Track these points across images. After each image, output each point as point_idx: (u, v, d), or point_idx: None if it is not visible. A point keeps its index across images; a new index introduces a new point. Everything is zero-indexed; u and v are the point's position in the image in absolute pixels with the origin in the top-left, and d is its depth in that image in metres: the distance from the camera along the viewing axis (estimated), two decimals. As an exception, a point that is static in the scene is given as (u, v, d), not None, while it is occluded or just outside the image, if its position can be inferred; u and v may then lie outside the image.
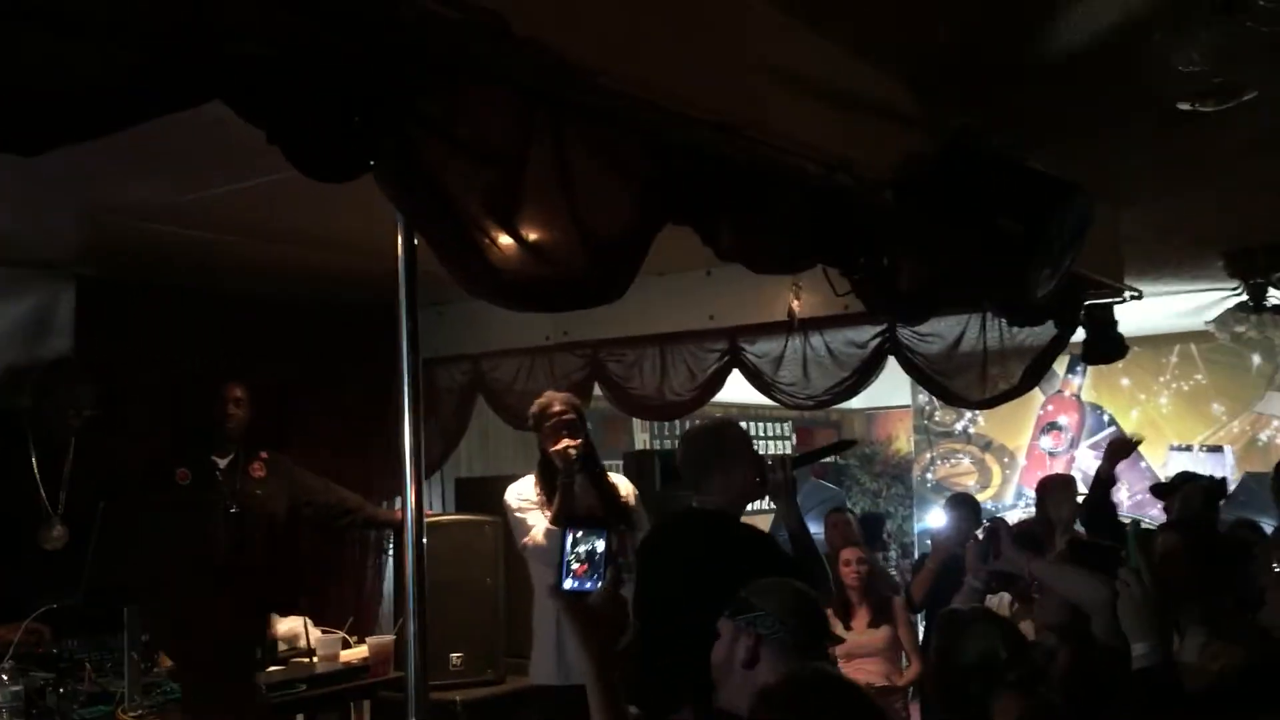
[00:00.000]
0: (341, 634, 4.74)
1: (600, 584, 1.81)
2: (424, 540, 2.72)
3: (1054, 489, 5.75)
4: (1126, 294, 5.24)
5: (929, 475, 9.94)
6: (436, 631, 3.68)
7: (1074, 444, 9.18)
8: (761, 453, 3.90)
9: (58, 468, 4.33)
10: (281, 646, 4.61)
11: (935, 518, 8.55)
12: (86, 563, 3.66)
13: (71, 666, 3.79)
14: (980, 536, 4.12)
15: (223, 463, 4.86)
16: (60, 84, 1.62)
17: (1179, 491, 5.32)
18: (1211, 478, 5.55)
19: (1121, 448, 5.34)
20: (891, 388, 8.40)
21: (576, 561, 1.83)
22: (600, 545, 1.84)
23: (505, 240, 2.38)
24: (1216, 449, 8.49)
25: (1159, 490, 5.82)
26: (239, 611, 4.47)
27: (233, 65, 1.81)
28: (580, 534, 1.85)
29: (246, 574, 4.69)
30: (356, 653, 4.66)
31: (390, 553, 5.86)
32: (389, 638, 4.67)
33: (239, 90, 1.85)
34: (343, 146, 1.99)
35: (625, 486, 4.75)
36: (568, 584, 1.82)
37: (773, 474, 3.71)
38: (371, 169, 2.08)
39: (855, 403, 8.47)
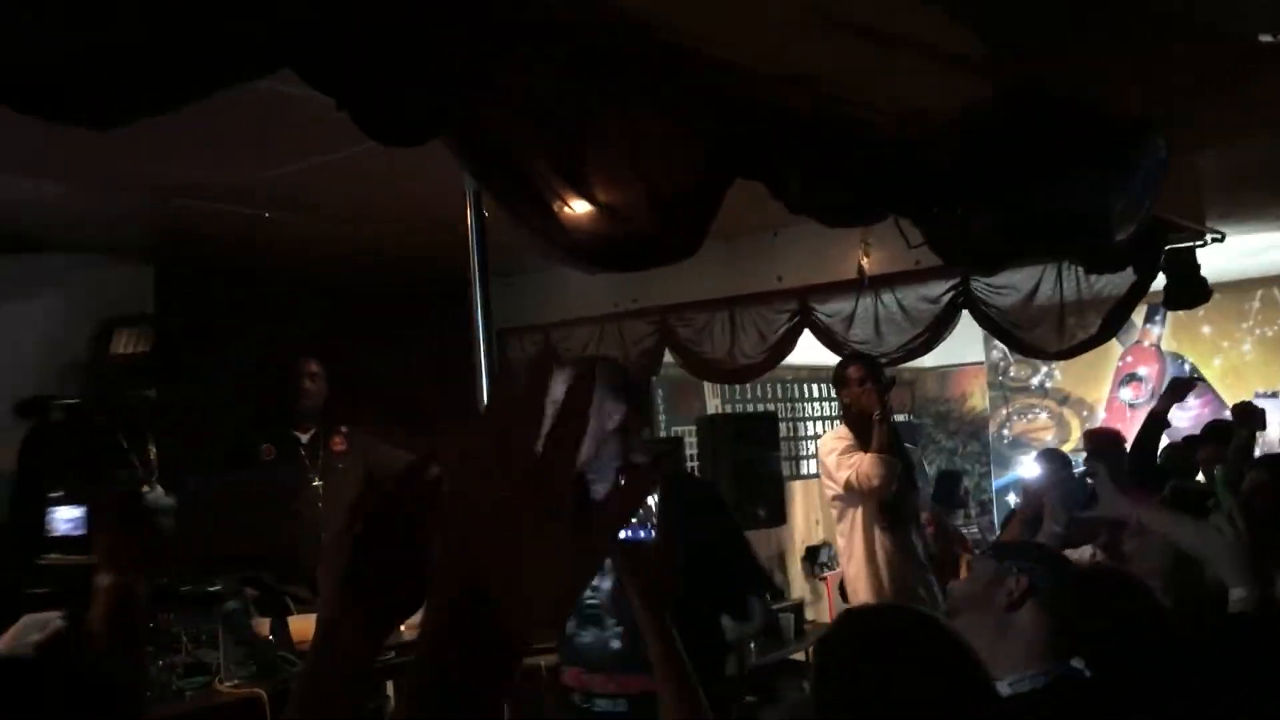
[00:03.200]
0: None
1: (653, 532, 1.78)
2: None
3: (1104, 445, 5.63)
4: (1208, 236, 5.11)
5: (1005, 432, 9.80)
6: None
7: (1154, 395, 8.98)
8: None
9: (140, 432, 4.40)
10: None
11: (1029, 468, 8.42)
12: (183, 536, 3.74)
13: (170, 639, 3.89)
14: (1065, 483, 4.04)
15: (304, 438, 4.95)
16: (130, 57, 1.65)
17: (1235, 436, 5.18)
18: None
19: (1181, 387, 5.20)
20: (964, 344, 8.29)
21: None
22: (654, 495, 1.81)
23: (575, 199, 2.39)
24: (1294, 395, 8.26)
25: (1192, 441, 5.70)
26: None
27: (299, 33, 1.83)
28: None
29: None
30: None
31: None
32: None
33: (306, 57, 1.87)
34: (410, 111, 2.01)
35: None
36: (621, 534, 1.79)
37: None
38: (439, 133, 2.09)
39: (927, 360, 8.35)
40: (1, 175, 3.77)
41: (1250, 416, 5.01)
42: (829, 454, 4.91)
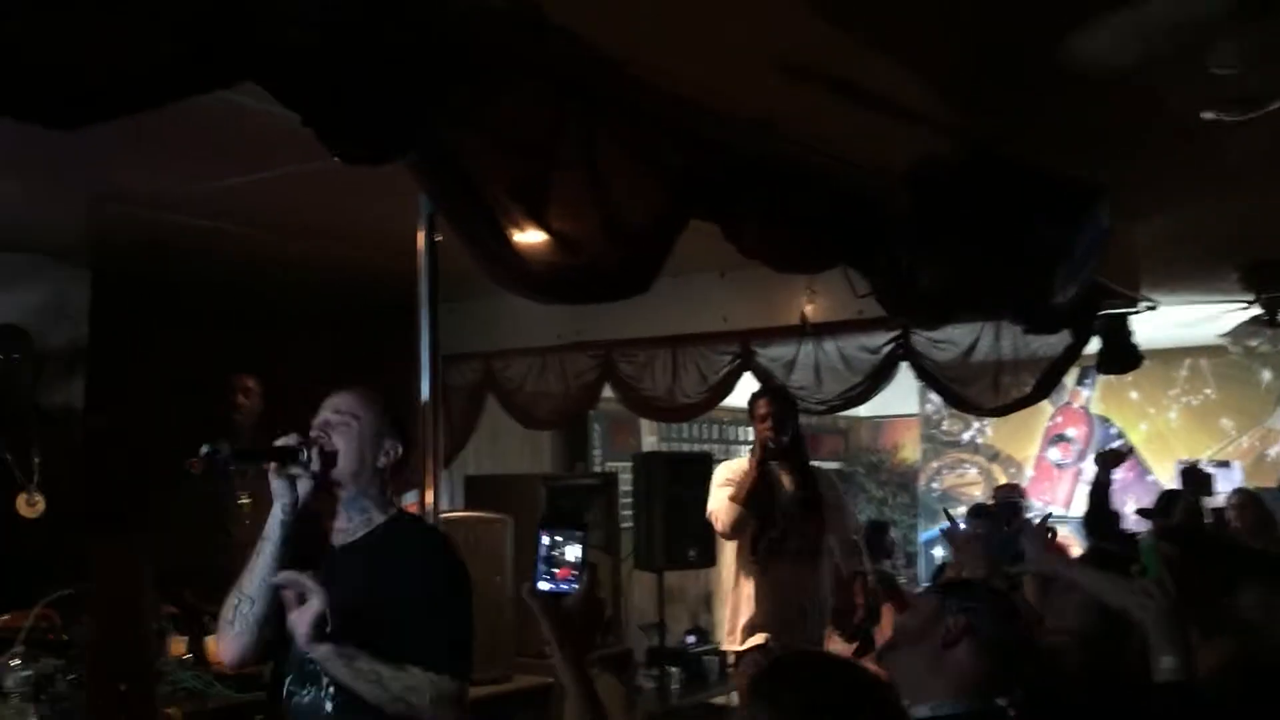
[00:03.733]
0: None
1: (577, 586, 1.78)
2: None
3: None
4: (1143, 304, 5.24)
5: (935, 485, 9.93)
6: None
7: (1082, 456, 9.16)
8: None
9: (25, 436, 4.29)
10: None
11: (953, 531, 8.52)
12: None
13: (81, 653, 3.77)
14: (996, 537, 4.08)
15: (233, 453, 4.85)
16: (99, 59, 1.63)
17: (1176, 507, 5.31)
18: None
19: (1112, 458, 5.34)
20: (899, 395, 8.40)
21: (553, 564, 1.79)
22: (579, 548, 1.80)
23: (533, 230, 2.39)
24: (1225, 464, 8.46)
25: (1146, 513, 5.81)
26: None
27: (268, 46, 1.81)
28: (558, 536, 1.81)
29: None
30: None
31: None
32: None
33: (276, 73, 1.85)
34: (376, 132, 2.00)
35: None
36: (543, 585, 1.78)
37: None
38: (403, 154, 2.08)
39: (862, 410, 8.45)
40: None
41: (1198, 480, 5.11)
42: (713, 483, 5.08)
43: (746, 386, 5.83)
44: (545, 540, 1.77)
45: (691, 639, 7.24)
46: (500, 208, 2.36)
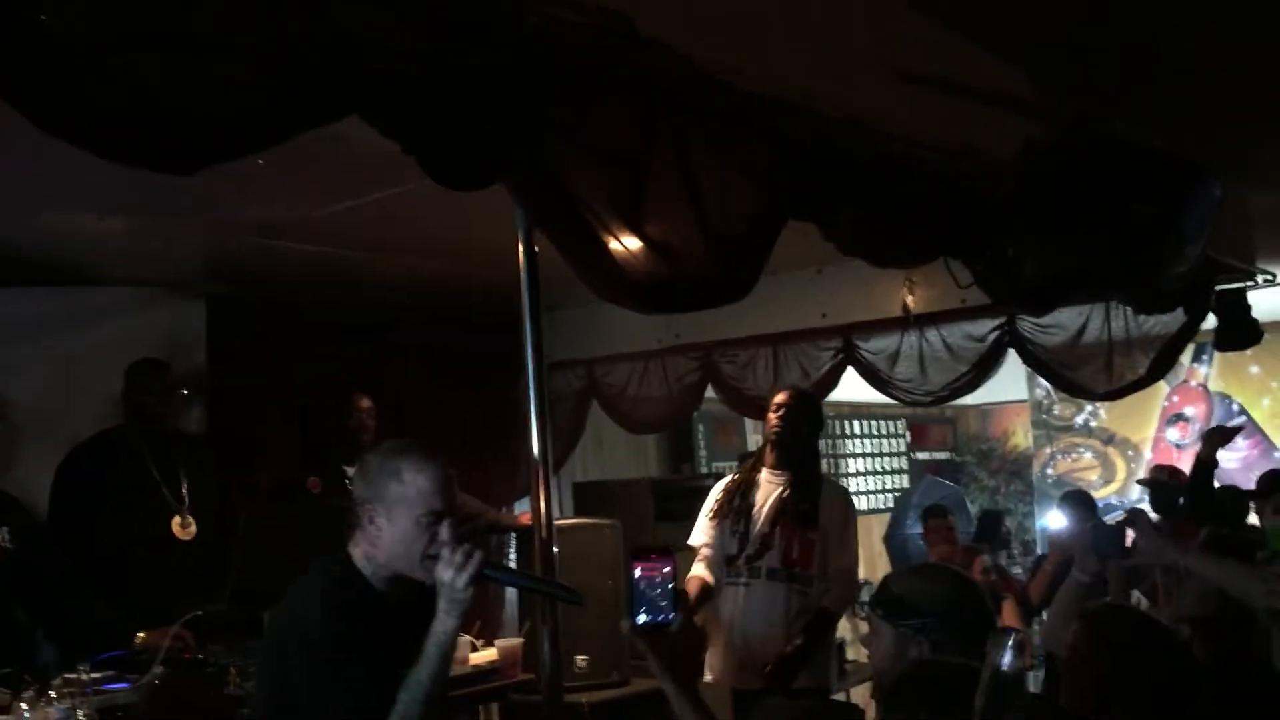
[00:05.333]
0: (469, 638, 4.81)
1: (674, 614, 1.78)
2: (554, 543, 2.74)
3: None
4: (1259, 277, 5.07)
5: (1049, 470, 9.71)
6: (562, 634, 3.72)
7: (1202, 435, 8.88)
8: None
9: (172, 463, 4.49)
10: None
11: (1054, 517, 8.37)
12: (230, 570, 3.78)
13: (218, 671, 3.91)
14: (1091, 529, 3.96)
15: (352, 472, 4.98)
16: (212, 104, 1.69)
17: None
18: None
19: (1219, 435, 5.14)
20: (1008, 382, 8.25)
21: (647, 595, 1.78)
22: (669, 574, 1.80)
23: (631, 241, 2.41)
24: (1352, 438, 8.14)
25: (1253, 496, 5.59)
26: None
27: (372, 81, 1.86)
28: (649, 565, 1.80)
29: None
30: (485, 655, 4.72)
31: (513, 557, 5.93)
32: (517, 640, 4.73)
33: (377, 105, 1.90)
34: (476, 155, 2.04)
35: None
36: (641, 618, 1.77)
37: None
38: (503, 177, 2.12)
39: (970, 399, 8.32)
40: (67, 213, 3.86)
41: None
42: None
43: (851, 381, 5.80)
44: (637, 572, 1.77)
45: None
46: (598, 220, 2.38)
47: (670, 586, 1.78)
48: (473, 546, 2.27)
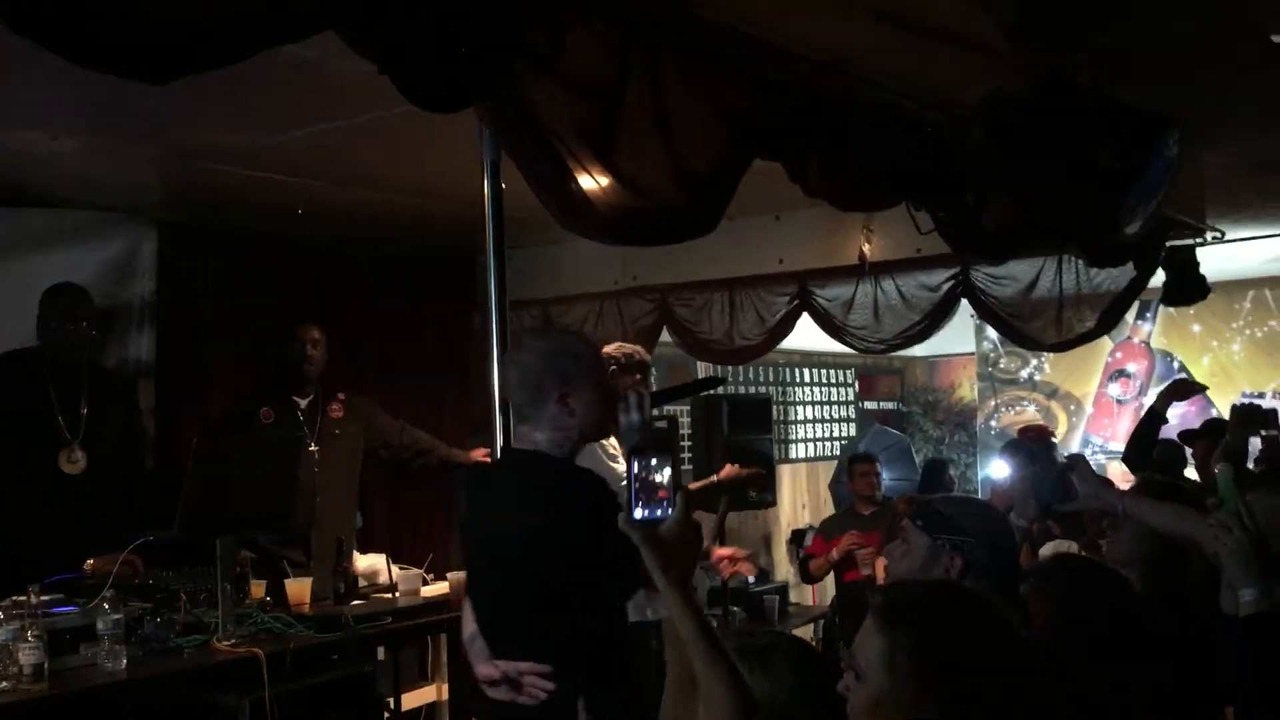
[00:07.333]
0: (420, 571, 4.83)
1: (671, 510, 1.79)
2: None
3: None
4: (1209, 235, 5.16)
5: (993, 423, 9.89)
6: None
7: (1143, 391, 9.06)
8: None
9: (74, 394, 4.38)
10: (362, 583, 4.70)
11: (997, 466, 8.51)
12: (181, 497, 3.75)
13: (168, 597, 3.90)
14: (1036, 475, 4.02)
15: (303, 403, 4.95)
16: (186, 11, 1.66)
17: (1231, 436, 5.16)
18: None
19: (1184, 389, 5.21)
20: (954, 334, 8.36)
21: (646, 490, 1.79)
22: (669, 471, 1.81)
23: (601, 173, 2.40)
24: (1291, 396, 8.35)
25: (1187, 436, 5.71)
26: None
27: (349, -3, 1.83)
28: (648, 462, 1.81)
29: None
30: (436, 589, 4.75)
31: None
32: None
33: (353, 19, 1.87)
34: (451, 76, 2.02)
35: None
36: (638, 513, 1.78)
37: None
38: (479, 99, 2.10)
39: (918, 350, 8.44)
40: (21, 131, 3.76)
41: (1253, 418, 4.96)
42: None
43: (805, 326, 5.84)
44: (636, 468, 1.78)
45: (752, 579, 7.31)
46: (568, 150, 2.37)
47: (669, 482, 1.79)
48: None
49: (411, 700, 5.24)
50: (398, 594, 4.60)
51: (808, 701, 1.92)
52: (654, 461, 1.78)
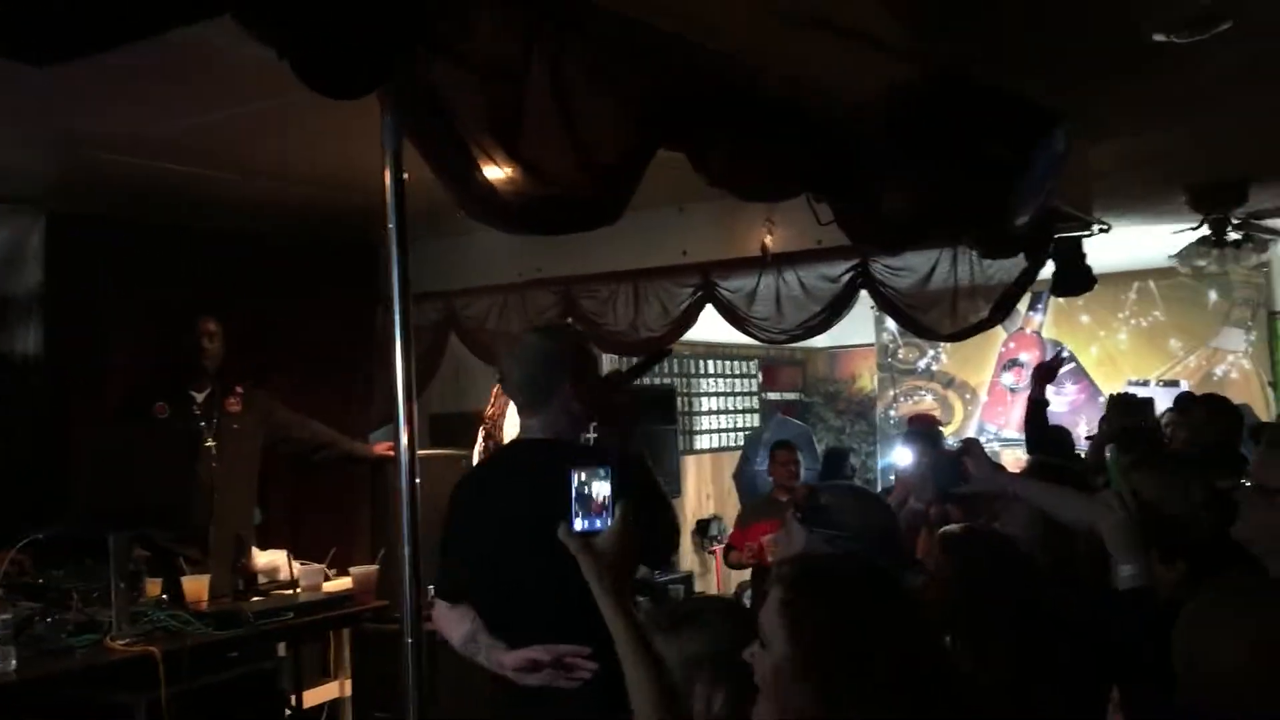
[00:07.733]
0: (322, 566, 4.76)
1: (610, 521, 1.81)
2: (417, 475, 2.71)
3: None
4: (1096, 227, 5.33)
5: (892, 413, 10.10)
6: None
7: (1035, 381, 9.33)
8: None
9: None
10: (262, 579, 4.63)
11: (900, 453, 8.69)
12: (73, 492, 3.65)
13: (59, 596, 3.80)
14: (933, 460, 4.14)
15: (199, 397, 4.84)
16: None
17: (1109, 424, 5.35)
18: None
19: (1048, 370, 5.37)
20: (855, 326, 8.52)
21: (584, 502, 1.81)
22: (606, 484, 1.83)
23: (506, 161, 2.40)
24: (1173, 383, 8.67)
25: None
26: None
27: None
28: (586, 475, 1.83)
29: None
30: (339, 584, 4.69)
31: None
32: (372, 568, 4.71)
33: (250, 4, 1.84)
34: (353, 62, 1.99)
35: None
36: (578, 524, 1.80)
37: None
38: (380, 85, 2.08)
39: (819, 341, 8.56)
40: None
41: (1128, 407, 5.15)
42: None
43: (709, 319, 5.89)
44: (575, 480, 1.80)
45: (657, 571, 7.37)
46: (472, 137, 2.37)
47: (606, 495, 1.80)
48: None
49: (314, 697, 5.18)
50: (299, 589, 4.54)
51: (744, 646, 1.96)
52: (593, 474, 1.80)
